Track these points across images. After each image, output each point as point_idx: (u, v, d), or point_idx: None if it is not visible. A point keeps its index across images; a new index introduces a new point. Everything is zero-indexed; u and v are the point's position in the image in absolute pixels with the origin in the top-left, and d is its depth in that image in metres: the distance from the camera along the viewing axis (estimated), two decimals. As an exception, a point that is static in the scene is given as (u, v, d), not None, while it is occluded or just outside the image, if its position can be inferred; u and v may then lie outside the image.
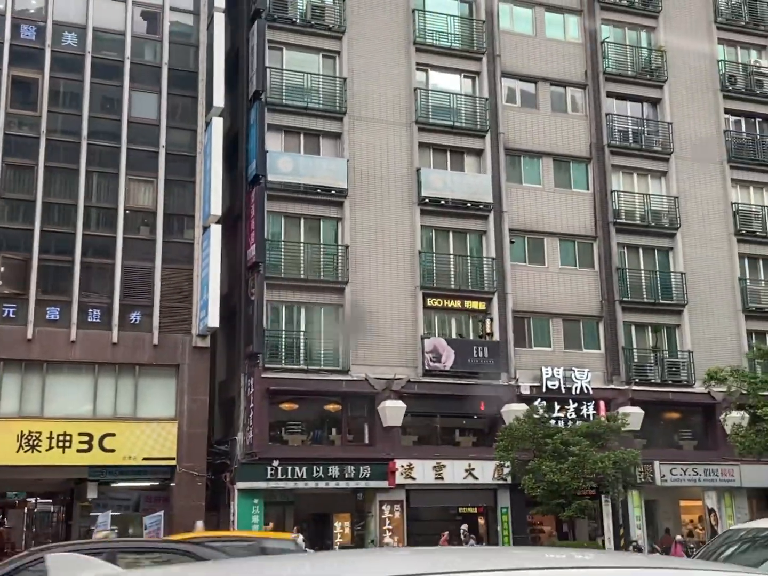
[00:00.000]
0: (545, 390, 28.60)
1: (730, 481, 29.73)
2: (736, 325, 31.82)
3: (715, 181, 33.02)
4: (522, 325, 29.57)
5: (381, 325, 27.50)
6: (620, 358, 30.02)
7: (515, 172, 30.80)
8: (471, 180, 29.57)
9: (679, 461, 29.39)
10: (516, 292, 29.49)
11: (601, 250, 30.80)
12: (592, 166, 31.56)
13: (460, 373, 27.77)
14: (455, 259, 29.09)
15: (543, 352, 29.39)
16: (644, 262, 31.67)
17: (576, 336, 30.14)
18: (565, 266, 30.50)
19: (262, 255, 25.54)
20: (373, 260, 27.93)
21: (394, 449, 26.59)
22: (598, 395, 29.31)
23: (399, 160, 28.96)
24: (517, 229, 30.09)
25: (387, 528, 25.85)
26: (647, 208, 31.71)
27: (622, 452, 23.79)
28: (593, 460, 22.70)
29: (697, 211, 32.48)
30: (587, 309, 30.31)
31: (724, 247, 32.47)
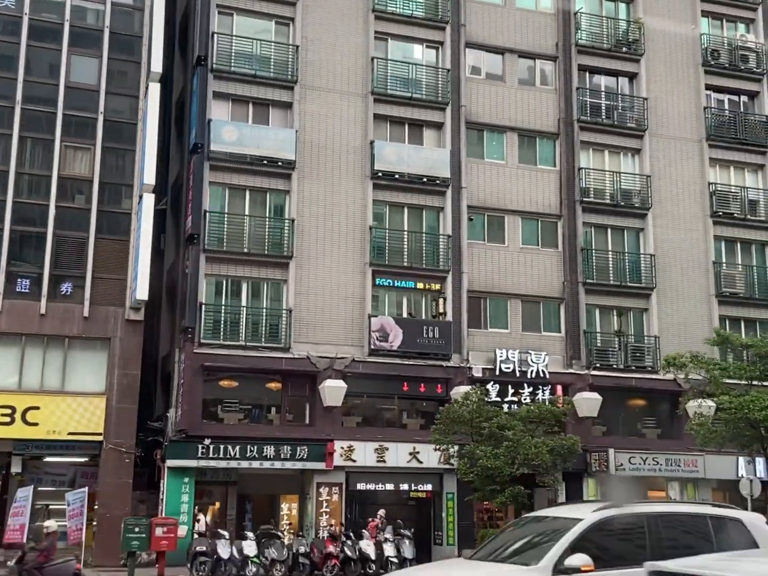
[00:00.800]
0: (498, 373, 27.54)
1: (693, 472, 28.51)
2: (708, 310, 30.50)
3: (692, 160, 31.62)
4: (478, 305, 28.48)
5: (326, 302, 26.58)
6: (581, 342, 28.86)
7: (477, 147, 29.64)
8: (428, 154, 28.45)
9: (639, 450, 28.19)
10: (472, 272, 28.40)
11: (566, 230, 29.58)
12: (560, 142, 30.29)
13: (409, 354, 26.78)
14: (409, 236, 28.04)
15: (499, 334, 28.31)
16: (612, 242, 30.41)
17: (535, 318, 29.00)
18: (526, 246, 29.33)
19: (197, 227, 24.68)
20: (320, 235, 26.97)
21: (334, 430, 25.71)
22: (556, 379, 28.20)
23: (352, 132, 27.92)
24: (476, 206, 28.96)
25: (324, 511, 25.01)
26: (617, 187, 30.40)
27: (562, 438, 22.70)
28: (527, 446, 21.62)
29: (671, 190, 31.13)
30: (548, 290, 29.14)
31: (699, 229, 31.11)
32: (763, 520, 9.17)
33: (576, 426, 27.97)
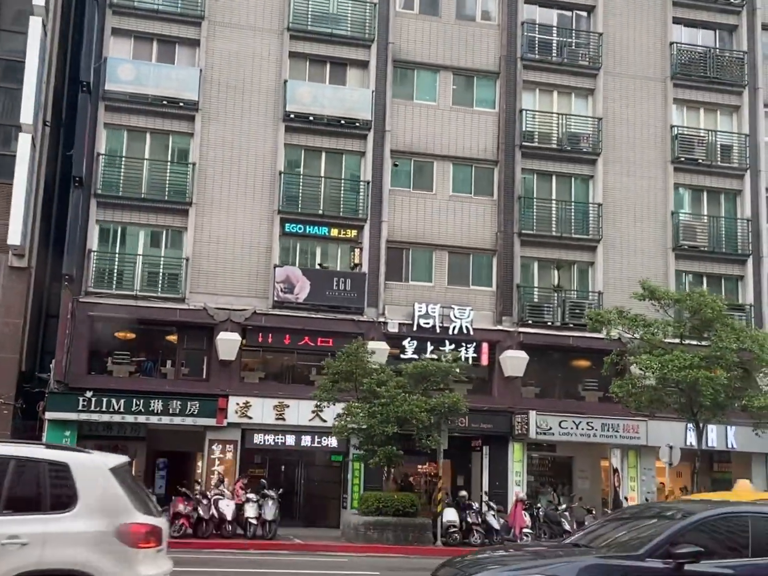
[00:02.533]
0: (417, 329, 25.76)
1: (633, 438, 26.30)
2: (664, 264, 27.98)
3: (653, 101, 28.90)
4: (399, 256, 26.67)
5: (229, 252, 25.18)
6: (514, 297, 26.77)
7: (406, 88, 27.60)
8: (346, 94, 26.59)
9: (573, 413, 26.09)
10: (394, 221, 26.56)
11: (502, 177, 27.38)
12: (501, 82, 27.99)
13: (318, 307, 25.23)
14: (325, 182, 26.33)
15: (421, 287, 26.46)
16: (557, 191, 28.08)
17: (463, 271, 27.01)
18: (457, 193, 27.29)
19: (80, 169, 23.49)
20: (225, 180, 25.51)
21: (231, 385, 24.43)
22: (482, 337, 26.27)
23: (265, 71, 26.26)
24: (402, 150, 27.03)
25: (215, 470, 23.82)
26: (564, 131, 27.98)
27: (444, 396, 20.89)
28: (399, 404, 19.90)
29: (628, 134, 28.53)
30: (480, 241, 27.09)
31: (658, 176, 28.48)
32: (102, 464, 7.26)
33: (502, 386, 26.14)
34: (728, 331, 22.23)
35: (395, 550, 19.38)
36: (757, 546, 7.34)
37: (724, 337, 21.90)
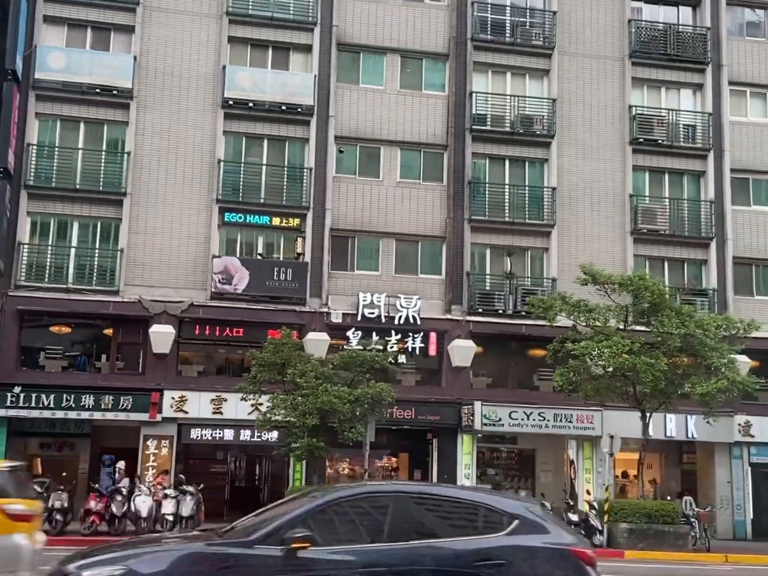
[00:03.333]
0: (361, 319, 25.03)
1: (588, 429, 25.44)
2: (622, 249, 27.03)
3: (611, 81, 27.94)
4: (344, 245, 25.94)
5: (166, 242, 24.59)
6: (463, 285, 25.96)
7: (352, 72, 26.86)
8: (287, 79, 25.88)
9: (525, 404, 25.23)
10: (339, 208, 25.84)
11: (452, 162, 26.56)
12: (450, 64, 27.16)
13: (257, 297, 24.58)
14: (267, 170, 25.66)
15: (367, 277, 25.71)
16: (511, 175, 27.21)
17: (412, 259, 26.23)
18: (405, 179, 26.50)
19: (4, 160, 22.94)
20: (162, 170, 24.91)
21: (166, 379, 23.84)
22: (430, 326, 25.47)
23: (204, 57, 25.63)
24: (348, 136, 26.30)
25: (150, 465, 23.25)
26: (516, 113, 27.11)
27: (369, 387, 20.15)
28: (319, 395, 19.18)
29: (584, 116, 27.60)
30: (429, 228, 26.29)
31: (616, 159, 27.52)
32: None
33: (451, 377, 25.37)
34: (673, 316, 21.35)
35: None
36: (395, 529, 6.47)
37: (667, 323, 21.02)
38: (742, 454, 26.36)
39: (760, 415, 26.37)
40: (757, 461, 26.30)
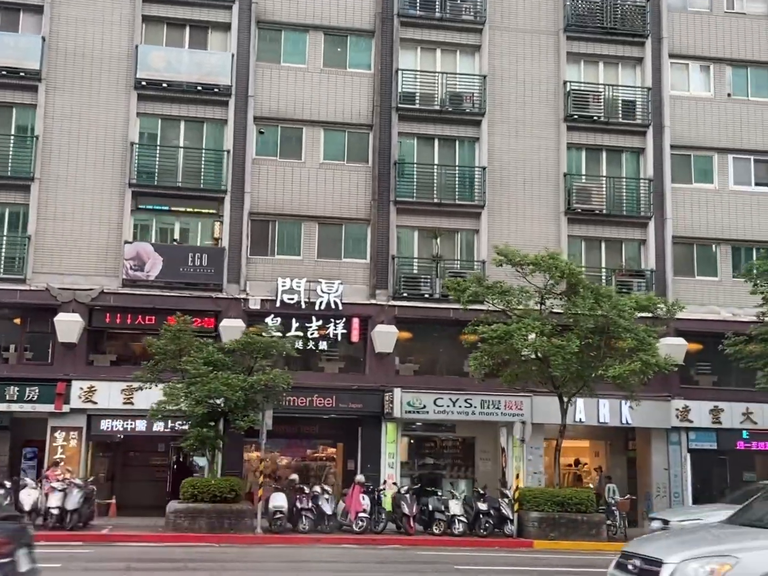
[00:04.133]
0: (280, 305, 24.26)
1: (516, 415, 24.53)
2: (556, 230, 26.15)
3: (544, 56, 27.02)
4: (264, 229, 25.17)
5: (77, 228, 23.88)
6: (389, 269, 25.15)
7: (273, 50, 26.03)
8: (203, 59, 25.09)
9: (452, 390, 24.39)
10: (259, 192, 25.06)
11: (377, 142, 25.71)
12: (376, 41, 26.28)
13: (171, 284, 23.86)
14: (183, 153, 24.90)
15: (289, 261, 24.93)
16: (440, 155, 26.35)
17: (335, 243, 25.42)
18: (329, 161, 25.68)
19: None
20: (72, 154, 24.19)
21: (76, 369, 23.16)
22: (352, 311, 24.68)
23: (116, 37, 24.87)
24: (268, 117, 25.51)
25: (57, 458, 22.57)
26: (445, 90, 26.22)
27: (265, 374, 19.39)
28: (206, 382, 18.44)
29: (517, 92, 26.69)
30: (353, 211, 25.48)
31: (550, 136, 26.61)
32: None
33: (375, 364, 24.58)
34: (589, 296, 20.50)
35: (207, 539, 18.00)
36: None
37: (580, 303, 20.17)
38: (680, 440, 25.47)
39: (699, 400, 25.46)
40: (696, 447, 25.40)
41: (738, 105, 27.60)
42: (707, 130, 27.32)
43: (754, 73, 27.97)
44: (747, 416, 25.50)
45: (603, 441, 28.07)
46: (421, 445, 26.43)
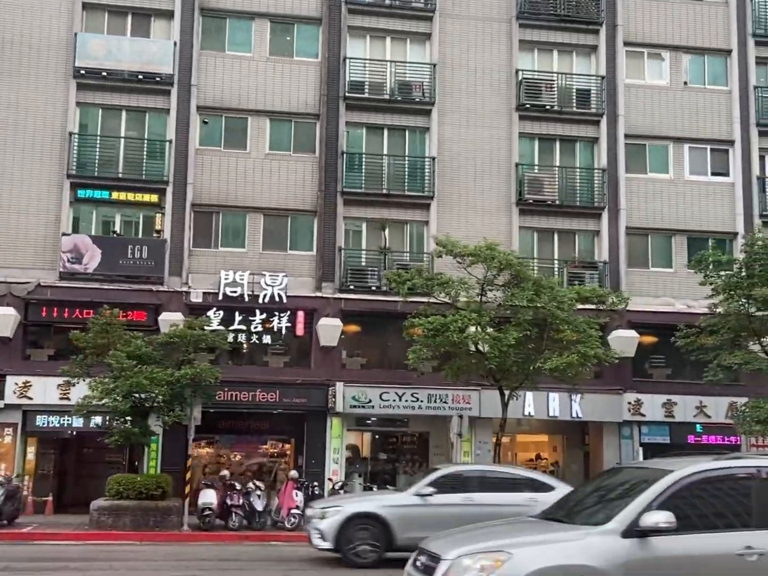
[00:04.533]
0: (222, 298, 23.78)
1: (464, 409, 24.12)
2: (507, 221, 25.71)
3: (496, 44, 26.54)
4: (207, 221, 24.69)
5: (12, 221, 23.39)
6: (336, 262, 24.69)
7: (217, 38, 25.52)
8: (144, 47, 24.56)
9: (399, 385, 23.95)
10: (202, 182, 24.58)
11: (324, 132, 25.23)
12: (324, 29, 25.79)
13: (113, 277, 23.36)
14: (124, 143, 24.39)
15: (233, 254, 24.46)
16: (390, 145, 25.88)
17: (281, 235, 24.95)
18: (275, 151, 25.19)
19: None
20: (9, 145, 23.69)
21: (12, 364, 22.68)
22: (298, 304, 24.21)
23: (55, 24, 24.34)
24: (212, 106, 25.02)
25: (-8, 455, 22.12)
26: (394, 79, 25.74)
27: (192, 367, 18.93)
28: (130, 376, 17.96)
29: (468, 81, 26.22)
30: (299, 202, 25.01)
31: (502, 126, 26.15)
32: None
33: (320, 357, 24.13)
34: (529, 288, 20.07)
35: (130, 537, 17.54)
36: None
37: (519, 294, 19.74)
38: (633, 434, 25.08)
39: (652, 393, 25.07)
40: (649, 441, 24.99)
41: (695, 93, 27.18)
42: (663, 119, 26.88)
43: (711, 61, 27.56)
44: (701, 410, 25.11)
45: (560, 435, 27.71)
46: (375, 440, 26.04)
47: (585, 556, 6.20)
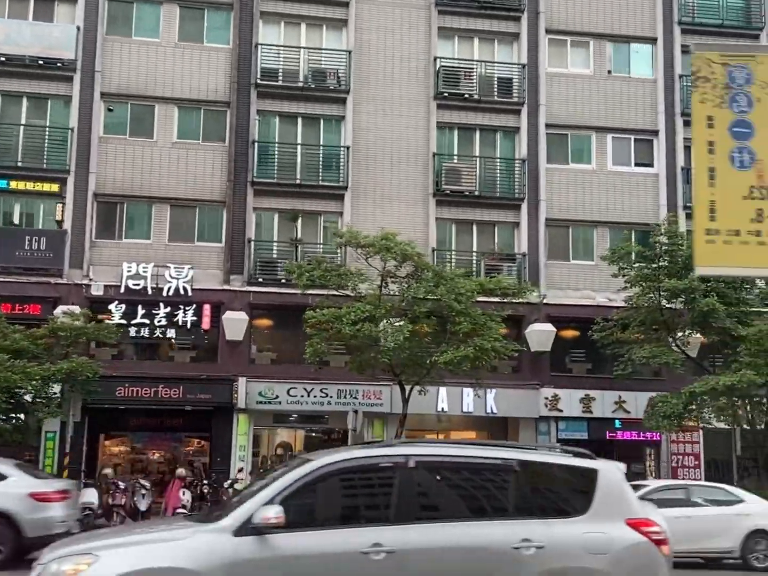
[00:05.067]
0: (124, 290, 23.03)
1: (374, 405, 23.54)
2: (424, 212, 25.10)
3: (415, 31, 25.90)
4: (112, 211, 23.94)
5: None
6: (246, 253, 23.99)
7: (124, 23, 24.75)
8: (46, 32, 23.74)
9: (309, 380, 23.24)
10: (106, 172, 23.82)
11: (234, 120, 24.51)
12: (235, 14, 25.06)
13: (9, 269, 22.56)
14: (24, 131, 23.59)
15: (137, 245, 23.71)
16: (304, 134, 25.20)
17: (188, 226, 24.23)
18: (183, 140, 24.45)
19: None
20: None
21: None
22: (204, 297, 23.50)
23: (-49, 8, 23.48)
24: (118, 93, 24.27)
25: None
26: (307, 66, 25.06)
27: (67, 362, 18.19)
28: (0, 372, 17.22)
29: (385, 69, 25.59)
30: (208, 192, 24.29)
31: (419, 115, 25.53)
32: None
33: (227, 352, 23.44)
34: (429, 279, 19.48)
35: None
36: None
37: (416, 287, 19.15)
38: (549, 430, 24.57)
39: (570, 388, 24.55)
40: (566, 437, 24.42)
41: (619, 82, 26.66)
42: (585, 108, 26.35)
43: (636, 50, 27.04)
44: (619, 405, 24.61)
45: (486, 431, 27.12)
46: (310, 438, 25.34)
47: (179, 558, 5.64)
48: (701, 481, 22.33)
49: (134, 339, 23.15)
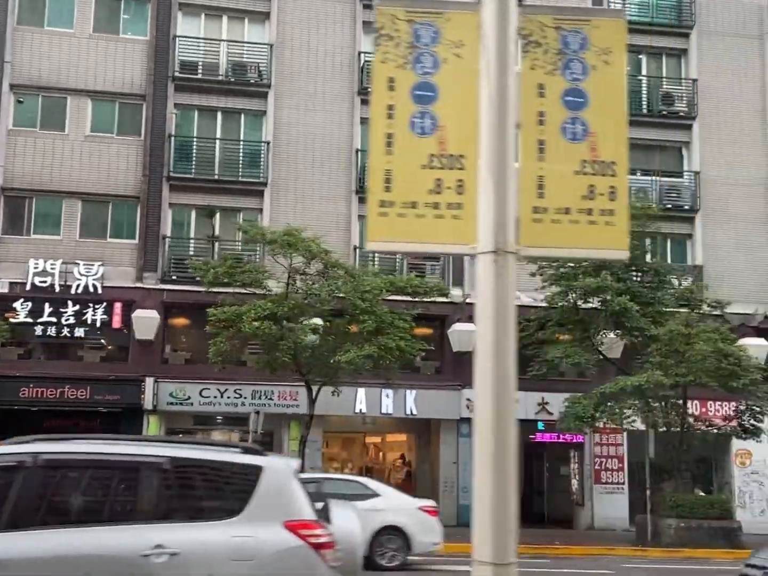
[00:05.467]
0: (30, 288, 22.30)
1: (290, 407, 22.99)
2: (347, 210, 24.60)
3: (339, 25, 25.41)
4: (20, 206, 23.22)
5: None
6: (160, 251, 23.35)
7: (35, 13, 24.06)
8: (-49, 20, 23.01)
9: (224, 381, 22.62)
10: (15, 165, 23.10)
11: (150, 113, 23.87)
12: (153, 5, 24.43)
13: None
14: (-72, 123, 22.83)
15: (46, 241, 23.00)
16: (224, 129, 24.62)
17: (100, 221, 23.56)
18: (97, 133, 23.77)
19: None
20: None
21: None
22: (115, 296, 22.81)
23: None
24: (29, 84, 23.56)
25: None
26: (226, 60, 24.49)
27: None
28: None
29: (309, 63, 25.06)
30: (122, 187, 23.63)
31: (343, 111, 25.01)
32: None
33: (137, 352, 22.77)
34: (339, 277, 18.98)
35: None
36: None
37: (319, 285, 18.63)
38: (471, 432, 24.04)
39: (493, 389, 24.09)
40: (488, 439, 24.03)
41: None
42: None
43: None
44: (543, 406, 24.23)
45: (415, 434, 26.74)
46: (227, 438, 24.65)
47: None
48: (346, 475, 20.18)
49: (41, 338, 22.42)
